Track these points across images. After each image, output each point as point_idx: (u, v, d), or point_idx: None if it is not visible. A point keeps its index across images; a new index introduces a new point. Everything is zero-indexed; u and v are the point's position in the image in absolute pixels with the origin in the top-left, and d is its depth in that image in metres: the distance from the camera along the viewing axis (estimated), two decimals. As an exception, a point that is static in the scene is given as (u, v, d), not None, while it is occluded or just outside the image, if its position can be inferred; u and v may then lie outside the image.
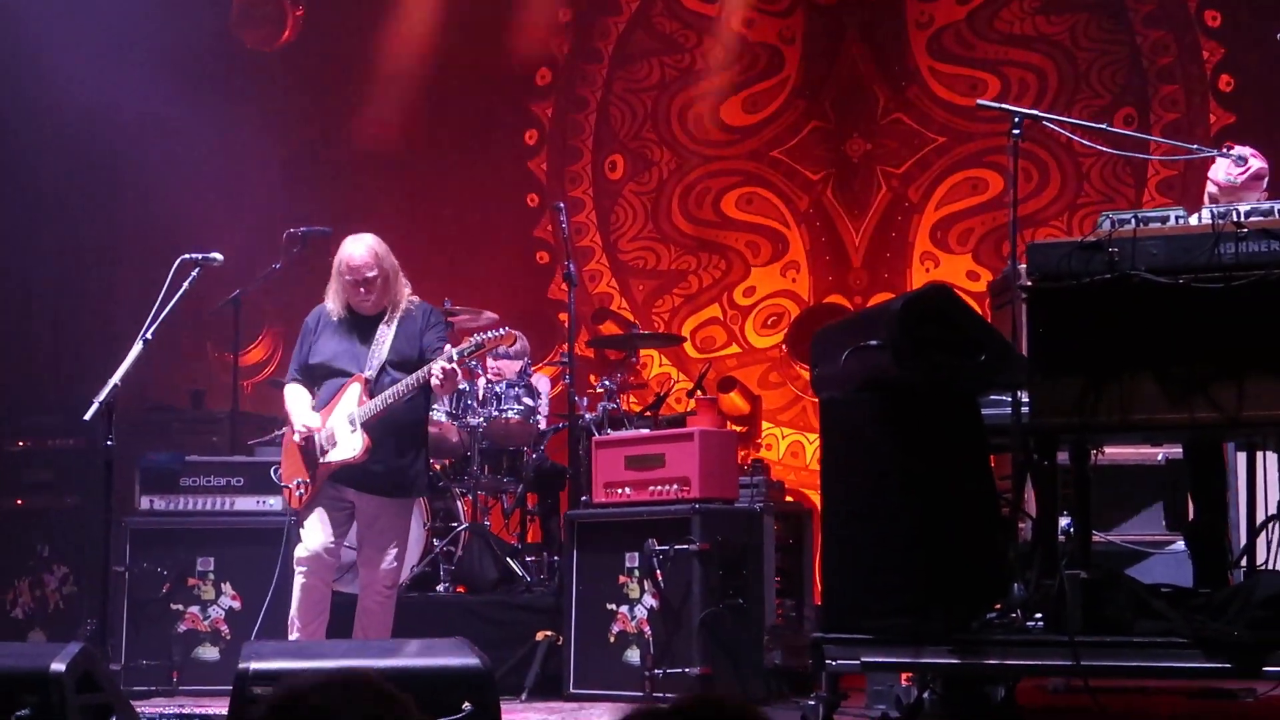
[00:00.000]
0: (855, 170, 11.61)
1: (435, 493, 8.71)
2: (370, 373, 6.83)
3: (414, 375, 6.69)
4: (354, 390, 6.83)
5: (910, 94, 11.45)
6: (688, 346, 11.78)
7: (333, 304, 7.00)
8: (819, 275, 11.71)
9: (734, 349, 11.88)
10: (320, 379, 6.96)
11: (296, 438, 6.89)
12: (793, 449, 11.44)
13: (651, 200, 12.18)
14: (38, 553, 9.46)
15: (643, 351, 11.30)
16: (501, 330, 6.88)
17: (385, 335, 6.89)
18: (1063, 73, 11.03)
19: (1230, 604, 5.20)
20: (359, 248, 6.91)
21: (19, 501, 9.68)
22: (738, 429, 10.66)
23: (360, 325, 6.95)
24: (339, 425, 6.79)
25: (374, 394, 6.77)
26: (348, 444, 6.75)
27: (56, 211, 10.94)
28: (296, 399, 6.99)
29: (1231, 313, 5.18)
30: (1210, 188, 6.67)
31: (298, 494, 6.90)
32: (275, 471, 7.51)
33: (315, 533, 6.88)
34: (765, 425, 11.33)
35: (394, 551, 6.93)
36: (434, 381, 6.60)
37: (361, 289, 6.88)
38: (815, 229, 11.72)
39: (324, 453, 6.81)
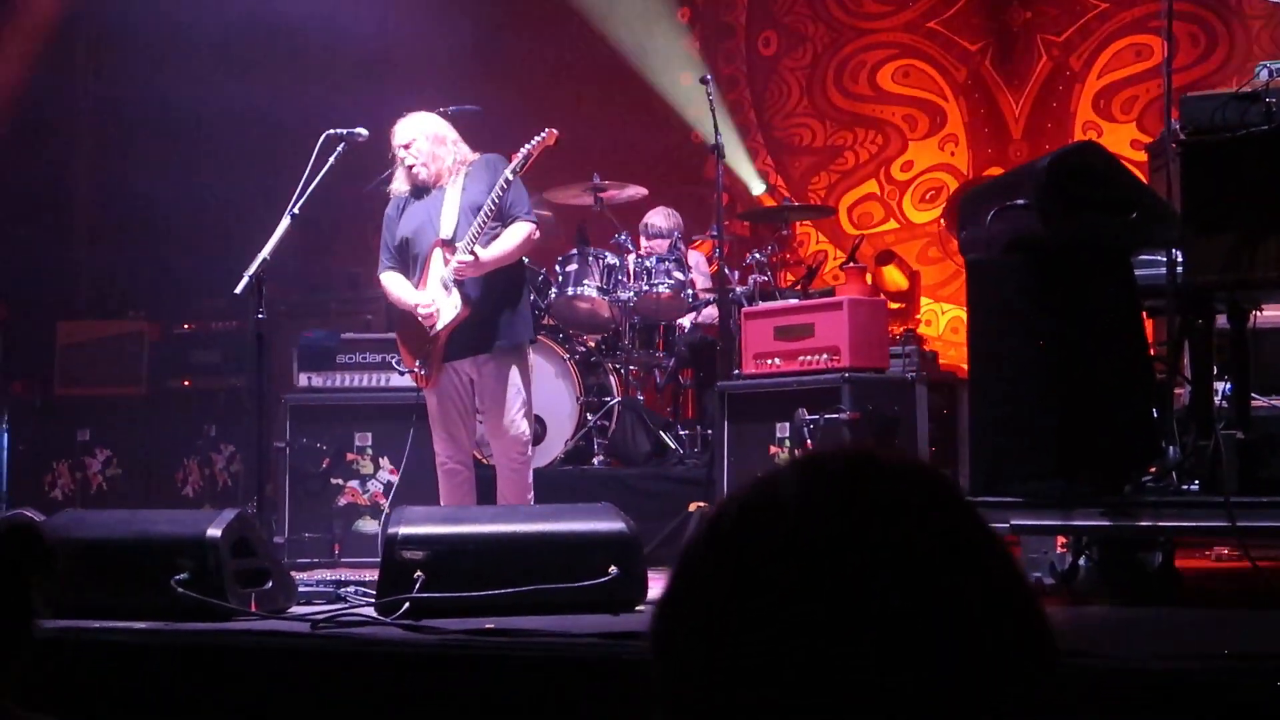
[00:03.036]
0: (1014, 39, 11.33)
1: (588, 367, 8.74)
2: (446, 233, 6.83)
3: (472, 218, 6.74)
4: (437, 255, 6.86)
5: (1071, -42, 11.14)
6: (844, 222, 11.67)
7: (399, 184, 7.08)
8: (978, 149, 11.49)
9: (892, 224, 11.74)
10: (409, 257, 7.01)
11: (402, 322, 7.01)
12: (952, 324, 11.28)
13: (806, 76, 12.04)
14: (205, 432, 9.71)
15: (799, 227, 11.21)
16: (544, 133, 6.81)
17: (453, 195, 6.91)
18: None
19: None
20: (400, 124, 7.02)
21: (186, 383, 9.94)
22: (896, 305, 10.55)
23: (431, 197, 6.99)
24: (436, 293, 6.84)
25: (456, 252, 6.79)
26: (449, 306, 6.80)
27: (221, 98, 11.07)
28: (397, 285, 7.03)
29: (1396, 162, 4.97)
30: None
31: (422, 373, 6.97)
32: (397, 362, 7.59)
33: (444, 418, 6.97)
34: (924, 301, 11.18)
35: (516, 414, 6.92)
36: (458, 270, 6.70)
37: (405, 158, 6.96)
38: (974, 101, 11.49)
39: (432, 325, 6.86)
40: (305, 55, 11.22)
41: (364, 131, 6.80)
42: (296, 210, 6.51)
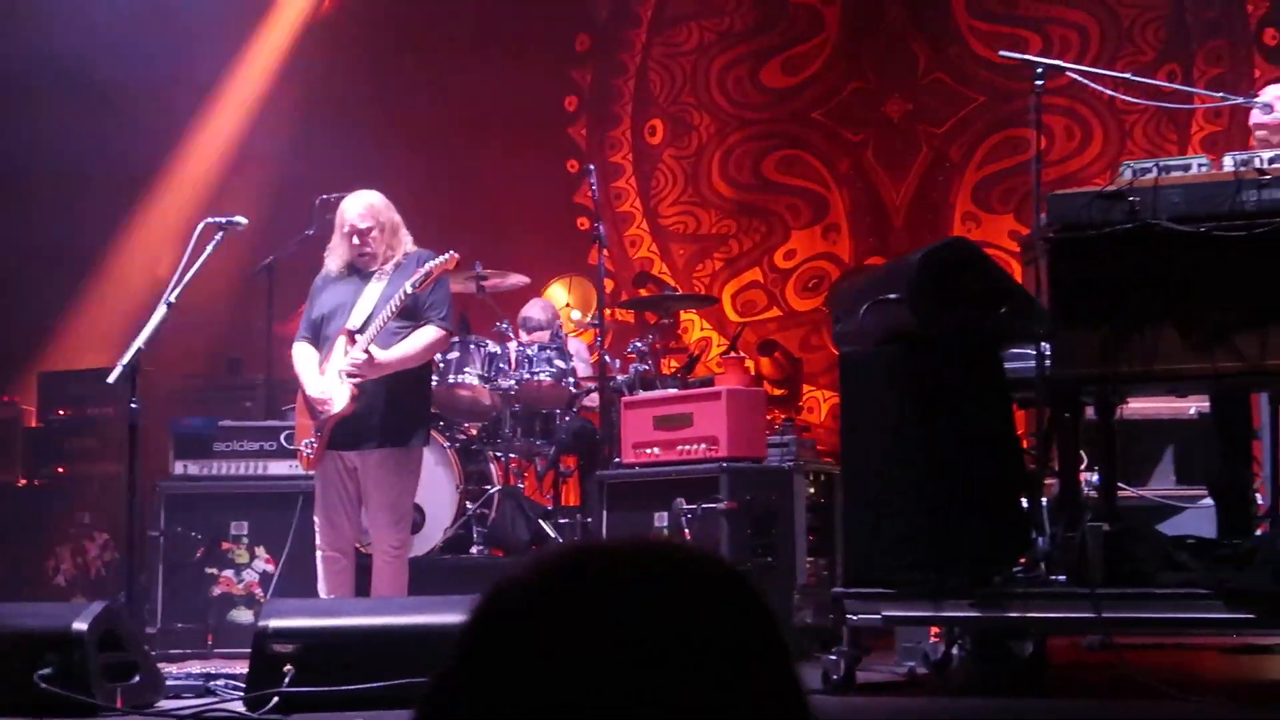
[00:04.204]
0: (896, 131, 11.52)
1: (468, 455, 8.70)
2: (355, 324, 6.75)
3: (377, 321, 6.66)
4: (341, 344, 6.77)
5: (951, 53, 11.35)
6: (728, 309, 11.76)
7: (333, 260, 7.00)
8: (860, 237, 11.65)
9: (775, 312, 11.85)
10: (322, 336, 6.93)
11: (302, 396, 6.91)
12: (834, 411, 11.32)
13: (691, 165, 12.16)
14: (78, 520, 9.55)
15: (683, 315, 11.28)
16: (446, 256, 6.73)
17: (375, 288, 6.84)
18: (1105, 30, 10.90)
19: (1254, 555, 5.14)
20: (357, 202, 6.93)
21: (60, 469, 9.78)
22: (778, 392, 10.62)
23: (358, 280, 6.92)
24: (331, 380, 6.75)
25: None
26: (340, 396, 6.70)
27: (90, 181, 10.94)
28: (303, 359, 6.95)
29: (1255, 261, 5.10)
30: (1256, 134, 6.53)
31: (307, 454, 6.88)
32: (286, 438, 7.54)
33: (325, 504, 6.88)
34: (807, 388, 11.27)
35: (396, 511, 6.85)
36: (353, 380, 6.64)
37: (357, 241, 6.87)
38: (856, 190, 11.66)
39: (322, 409, 6.77)
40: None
41: (243, 220, 6.75)
42: (173, 299, 6.45)
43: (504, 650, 1.27)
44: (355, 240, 6.87)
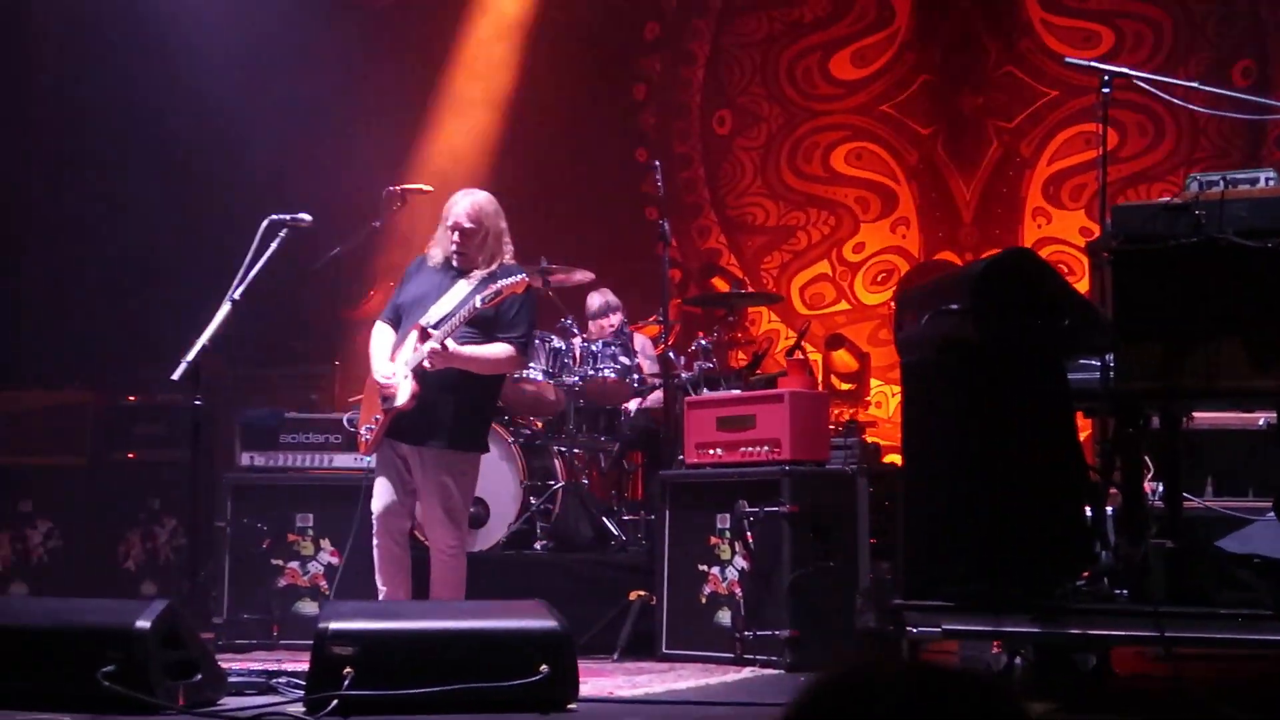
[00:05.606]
0: (966, 124, 11.45)
1: (532, 451, 8.73)
2: (428, 321, 6.72)
3: (451, 321, 6.61)
4: (412, 338, 6.73)
5: (1022, 47, 11.26)
6: (796, 302, 11.73)
7: (433, 250, 7.00)
8: (929, 231, 11.58)
9: (843, 305, 11.80)
10: (402, 323, 6.92)
11: (371, 379, 6.90)
12: (902, 406, 11.32)
13: (760, 156, 12.11)
14: (148, 506, 9.66)
15: (750, 308, 11.26)
16: (516, 277, 6.65)
17: (461, 289, 6.81)
18: (1178, 24, 10.77)
19: (1319, 576, 5.07)
20: (466, 200, 6.90)
21: (131, 455, 9.88)
22: (846, 387, 10.59)
23: (449, 276, 6.90)
24: (399, 372, 6.71)
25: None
26: (402, 391, 6.66)
27: (178, 173, 11.07)
28: (378, 340, 6.95)
29: (1321, 277, 5.03)
30: None
31: (365, 438, 6.85)
32: (350, 418, 7.53)
33: (381, 491, 6.87)
34: (874, 383, 11.23)
35: (450, 512, 6.80)
36: (425, 364, 6.59)
37: (456, 238, 6.84)
38: (925, 184, 11.60)
39: (385, 399, 6.75)
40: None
41: (307, 217, 6.77)
42: (237, 296, 6.49)
43: None
44: (455, 236, 6.85)
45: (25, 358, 11.26)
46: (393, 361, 6.80)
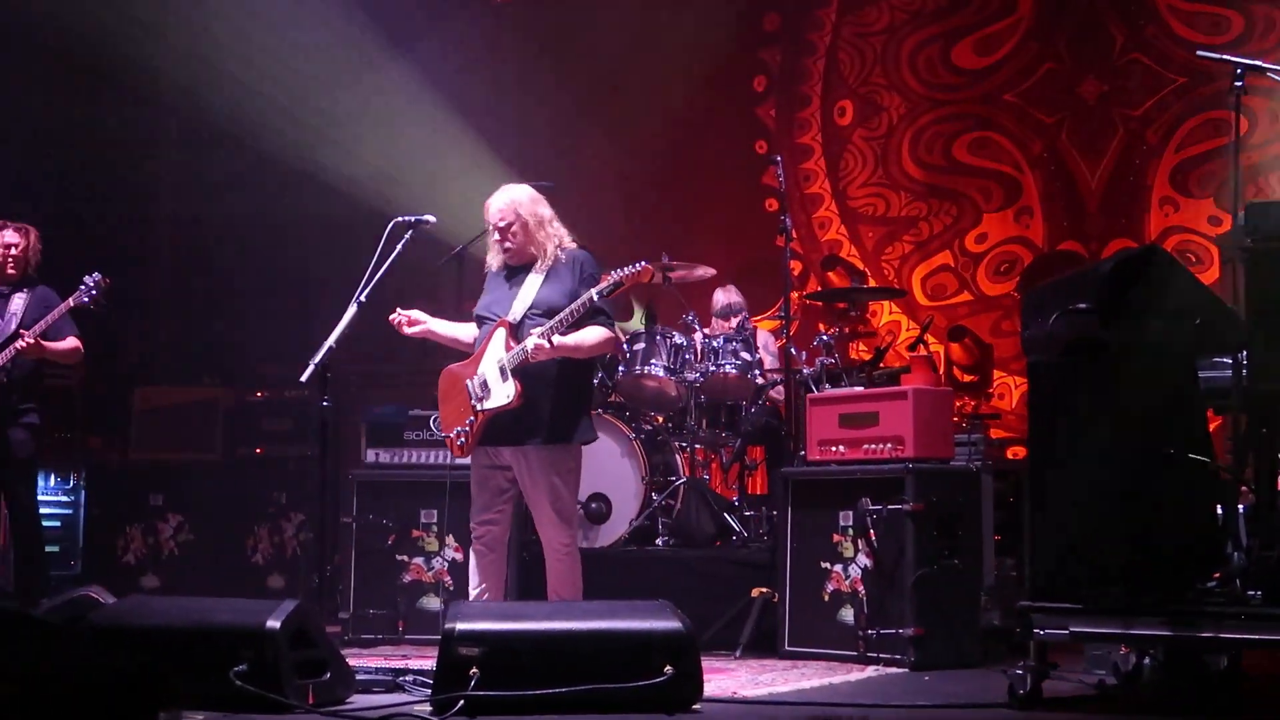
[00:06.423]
0: (1090, 113, 11.29)
1: (654, 447, 8.74)
2: (514, 317, 6.62)
3: (561, 316, 6.48)
4: (500, 336, 6.62)
5: (1148, 33, 11.08)
6: (918, 293, 11.65)
7: (489, 259, 6.93)
8: (1053, 221, 11.44)
9: (966, 297, 11.69)
10: (479, 332, 6.83)
11: (444, 383, 6.82)
12: (1026, 398, 11.19)
13: (881, 146, 12.04)
14: (275, 500, 9.80)
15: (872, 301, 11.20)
16: (639, 265, 6.45)
17: (533, 282, 6.70)
18: (1313, 8, 10.56)
19: None
20: (499, 198, 6.80)
21: (258, 450, 10.04)
22: (968, 379, 10.50)
23: (513, 275, 6.80)
24: (490, 372, 6.58)
25: (520, 340, 6.56)
26: (500, 391, 6.53)
27: (301, 176, 11.20)
28: (464, 332, 6.92)
29: None
30: None
31: (459, 443, 6.70)
32: (434, 421, 7.45)
33: (478, 499, 6.77)
34: (997, 374, 11.12)
35: (559, 510, 6.65)
36: (530, 350, 6.45)
37: (499, 237, 6.77)
38: (1049, 173, 11.45)
39: (479, 400, 6.61)
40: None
41: (431, 218, 6.83)
42: (364, 298, 6.55)
43: None
44: (497, 237, 6.78)
45: (158, 355, 11.49)
46: (480, 364, 6.66)
